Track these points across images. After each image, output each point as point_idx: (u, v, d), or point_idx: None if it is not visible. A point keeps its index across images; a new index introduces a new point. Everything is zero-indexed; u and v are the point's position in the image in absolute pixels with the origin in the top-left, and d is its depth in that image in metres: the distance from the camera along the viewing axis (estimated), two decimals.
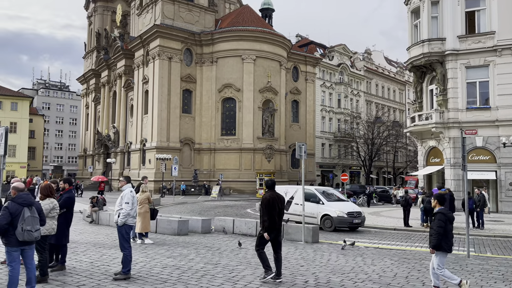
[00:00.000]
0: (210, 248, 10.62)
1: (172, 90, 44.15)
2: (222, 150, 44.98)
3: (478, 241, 13.83)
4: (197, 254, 9.65)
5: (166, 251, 9.97)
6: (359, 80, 63.70)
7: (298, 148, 12.30)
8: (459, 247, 11.89)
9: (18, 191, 5.85)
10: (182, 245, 11.03)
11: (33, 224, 5.56)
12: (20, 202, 5.62)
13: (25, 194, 5.77)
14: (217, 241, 11.86)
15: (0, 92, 51.94)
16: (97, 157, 57.89)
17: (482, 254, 11.05)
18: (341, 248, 11.38)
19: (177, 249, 10.31)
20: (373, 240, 13.49)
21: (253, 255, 9.80)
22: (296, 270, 8.26)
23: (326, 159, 57.88)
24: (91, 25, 63.55)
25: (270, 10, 56.60)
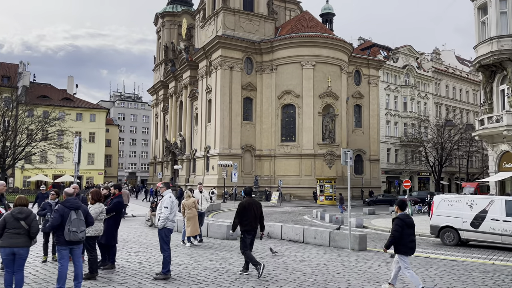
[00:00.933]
0: (253, 252, 10.90)
1: (234, 98, 45.38)
2: (282, 156, 45.24)
3: None
4: (239, 258, 9.99)
5: (211, 254, 10.44)
6: (427, 82, 60.64)
7: (343, 154, 12.21)
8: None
9: (68, 196, 6.61)
10: (227, 249, 11.45)
11: (78, 226, 6.24)
12: (68, 206, 6.35)
13: (72, 199, 6.50)
14: (262, 246, 12.12)
15: (80, 105, 56.91)
16: (165, 163, 61.04)
17: None
18: (390, 256, 11.10)
19: (221, 253, 10.74)
20: (426, 250, 12.92)
21: (292, 261, 9.93)
22: (331, 277, 8.26)
23: (392, 165, 55.71)
24: (160, 39, 67.42)
25: (330, 14, 56.12)
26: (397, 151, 56.42)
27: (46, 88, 57.00)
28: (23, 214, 5.91)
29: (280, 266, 9.25)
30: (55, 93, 56.21)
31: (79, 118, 56.01)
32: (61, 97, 55.83)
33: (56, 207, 6.54)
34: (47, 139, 38.83)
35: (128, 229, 15.78)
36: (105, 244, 8.00)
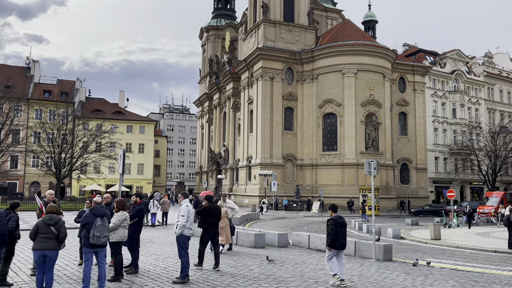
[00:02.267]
0: (275, 260, 11.23)
1: (275, 109, 45.92)
2: (324, 165, 45.00)
3: None
4: (259, 265, 10.36)
5: (234, 262, 10.89)
6: (478, 87, 57.89)
7: (366, 164, 12.27)
8: None
9: (96, 204, 7.38)
10: (252, 256, 11.85)
11: (102, 231, 6.96)
12: (94, 213, 7.10)
13: (99, 207, 7.26)
14: (286, 255, 12.40)
15: (130, 118, 59.98)
16: (210, 173, 62.61)
17: None
18: (413, 265, 11.03)
19: (244, 260, 11.16)
20: (457, 261, 12.57)
21: (311, 269, 10.16)
22: None
23: (441, 174, 53.49)
24: (205, 52, 69.68)
25: (373, 22, 55.46)
26: (446, 160, 54.14)
27: (99, 102, 60.67)
28: (53, 221, 6.69)
29: (297, 273, 9.51)
30: (107, 107, 59.69)
31: (129, 130, 58.99)
32: (113, 110, 59.16)
33: (85, 214, 7.32)
34: (99, 150, 41.46)
35: (165, 236, 16.63)
36: (129, 247, 8.71)
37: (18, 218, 7.66)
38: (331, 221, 8.45)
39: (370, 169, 12.22)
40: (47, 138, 36.80)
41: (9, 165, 48.95)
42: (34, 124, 42.82)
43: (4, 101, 35.47)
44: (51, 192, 9.61)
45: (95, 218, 7.00)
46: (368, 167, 12.26)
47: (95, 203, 7.39)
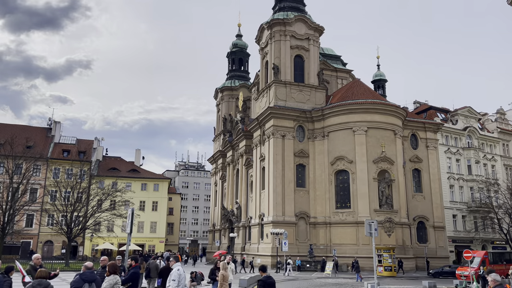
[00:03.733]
0: None
1: (286, 166, 46.10)
2: (338, 224, 44.11)
3: None
4: None
5: None
6: (493, 143, 57.37)
7: (367, 225, 12.16)
8: None
9: (87, 269, 7.50)
10: None
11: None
12: (83, 278, 7.20)
13: (89, 272, 7.37)
14: None
15: (145, 176, 60.90)
16: (223, 231, 61.85)
17: None
18: None
19: None
20: None
21: None
22: None
23: (460, 233, 51.61)
24: (219, 111, 71.77)
25: (382, 81, 56.82)
26: (464, 218, 52.48)
27: (116, 160, 62.10)
28: (42, 286, 6.81)
29: None
30: (123, 165, 60.95)
31: (144, 188, 59.65)
32: (129, 168, 60.33)
33: (74, 279, 7.41)
34: (113, 209, 41.84)
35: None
36: None
37: (11, 282, 7.79)
38: (260, 282, 9.03)
39: (371, 230, 12.09)
40: (60, 197, 37.51)
41: (24, 223, 49.53)
42: (49, 183, 43.88)
43: (22, 161, 36.72)
44: (37, 256, 9.68)
45: (83, 284, 7.09)
46: (368, 228, 12.13)
47: (86, 268, 7.49)
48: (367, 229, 11.83)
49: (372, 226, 11.64)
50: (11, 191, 35.85)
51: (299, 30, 50.11)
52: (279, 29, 49.49)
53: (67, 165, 45.57)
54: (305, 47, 50.12)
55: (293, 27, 49.80)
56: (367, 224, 11.88)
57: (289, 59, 49.13)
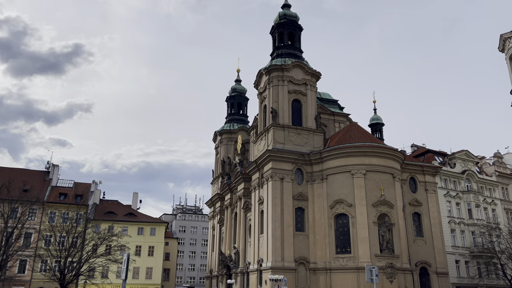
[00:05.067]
0: None
1: (285, 209, 45.61)
2: (338, 269, 43.03)
3: None
4: None
5: None
6: (492, 187, 57.29)
7: (368, 271, 11.92)
8: None
9: None
10: None
11: None
12: None
13: None
14: None
15: (142, 219, 60.07)
16: (220, 278, 60.14)
17: None
18: None
19: None
20: None
21: None
22: None
23: (464, 279, 50.32)
24: (218, 154, 72.03)
25: (379, 124, 57.59)
26: (467, 263, 51.39)
27: (113, 204, 61.50)
28: None
29: None
30: (120, 209, 60.29)
31: (140, 232, 58.65)
32: (125, 212, 59.63)
33: None
34: (108, 254, 40.84)
35: None
36: None
37: None
38: None
39: (372, 276, 11.84)
40: (55, 241, 36.73)
41: (17, 270, 48.15)
42: (44, 228, 43.15)
43: (18, 205, 36.30)
44: None
45: None
46: (369, 274, 11.89)
47: None
48: (368, 275, 11.61)
49: (373, 272, 11.44)
50: (5, 236, 35.16)
51: (297, 76, 51.39)
52: (277, 75, 50.76)
53: (63, 208, 45.02)
54: (303, 91, 51.21)
55: (291, 72, 51.11)
56: (367, 270, 11.66)
57: (287, 103, 50.01)
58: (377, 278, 11.56)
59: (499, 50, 27.63)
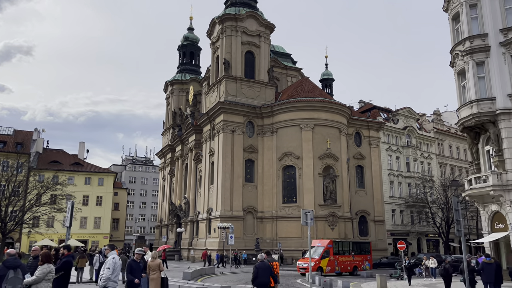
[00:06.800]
0: None
1: (235, 161, 46.45)
2: (284, 218, 45.15)
3: None
4: None
5: None
6: (429, 142, 61.18)
7: (303, 215, 12.71)
8: None
9: (9, 256, 7.32)
10: None
11: (15, 284, 6.88)
12: (7, 265, 7.03)
13: (12, 259, 7.20)
14: None
15: (89, 170, 58.76)
16: (170, 227, 61.17)
17: None
18: None
19: None
20: None
21: None
22: None
23: (398, 226, 54.70)
24: (169, 105, 70.69)
25: (329, 80, 58.66)
26: (402, 212, 55.68)
27: (58, 153, 59.37)
28: None
29: None
30: (66, 158, 58.41)
31: (88, 182, 57.57)
32: (71, 162, 57.92)
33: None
34: (53, 203, 39.97)
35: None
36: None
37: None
38: None
39: (307, 219, 12.64)
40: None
41: None
42: None
43: None
44: None
45: (7, 271, 6.94)
46: (305, 218, 12.68)
47: (8, 255, 7.31)
48: (303, 219, 12.36)
49: (308, 216, 12.19)
50: None
51: (250, 26, 50.53)
52: (231, 24, 49.61)
53: (2, 156, 42.90)
54: (256, 43, 50.66)
55: (245, 23, 50.12)
56: (303, 214, 12.40)
57: (240, 55, 49.43)
58: (312, 222, 12.35)
59: (443, 10, 28.56)
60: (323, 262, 30.40)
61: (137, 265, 9.53)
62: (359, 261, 33.42)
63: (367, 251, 35.11)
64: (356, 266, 32.84)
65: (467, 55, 25.33)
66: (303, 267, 29.22)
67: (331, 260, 31.10)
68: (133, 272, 9.43)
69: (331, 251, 31.20)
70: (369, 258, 34.56)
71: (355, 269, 32.56)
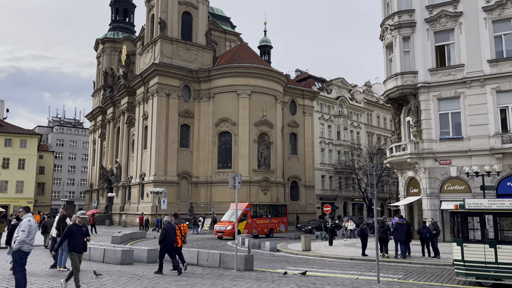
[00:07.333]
0: (129, 275, 11.17)
1: (170, 126, 45.59)
2: (219, 183, 45.62)
3: (418, 269, 13.92)
4: (87, 282, 10.23)
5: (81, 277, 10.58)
6: (359, 112, 64.28)
7: (231, 179, 12.95)
8: (390, 274, 12.10)
9: None
10: (106, 273, 11.62)
11: None
12: None
13: None
14: (147, 270, 12.40)
15: (9, 130, 54.48)
16: (101, 191, 59.31)
17: (391, 280, 11.25)
18: (284, 274, 11.85)
19: (90, 276, 10.91)
20: (313, 268, 13.76)
21: (163, 281, 10.32)
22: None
23: (327, 191, 57.77)
24: (100, 65, 66.78)
25: (268, 47, 58.68)
26: (331, 178, 58.72)
27: None
28: None
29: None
30: None
31: (8, 144, 53.54)
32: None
33: None
34: None
35: None
36: None
37: None
38: None
39: (235, 183, 12.91)
40: None
41: None
42: None
43: None
44: None
45: None
46: (232, 181, 12.93)
47: None
48: (231, 182, 12.61)
49: (236, 179, 12.44)
50: None
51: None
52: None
53: None
54: (194, 4, 48.99)
55: None
56: (231, 177, 12.62)
57: (176, 15, 47.59)
58: (240, 185, 12.64)
59: (380, 39, 29.48)
60: (241, 225, 30.51)
61: (78, 230, 9.06)
62: (276, 223, 33.94)
63: (284, 213, 35.87)
64: (272, 228, 33.26)
65: (395, 29, 26.54)
66: (220, 230, 29.37)
67: (249, 223, 31.13)
68: (74, 237, 8.96)
69: (249, 214, 31.16)
70: (285, 221, 35.27)
71: (271, 231, 32.98)
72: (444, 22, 25.49)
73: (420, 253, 17.38)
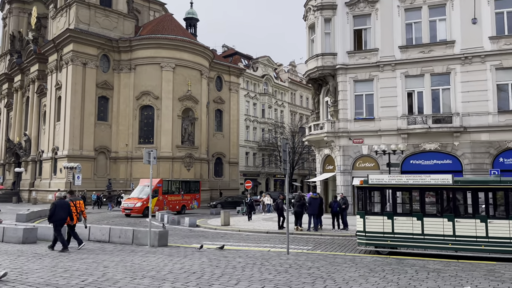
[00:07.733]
0: (30, 254, 10.47)
1: (87, 97, 42.79)
2: (139, 158, 43.92)
3: (327, 240, 14.78)
4: (11, 262, 9.49)
5: None
6: (284, 91, 65.68)
7: (145, 154, 12.53)
8: (301, 246, 12.66)
9: None
10: (3, 252, 10.77)
11: None
12: None
13: None
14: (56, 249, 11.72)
15: None
16: (7, 166, 54.42)
17: (300, 251, 11.86)
18: (199, 248, 11.80)
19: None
20: (229, 242, 13.97)
21: (67, 259, 9.81)
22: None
23: (250, 168, 58.81)
24: (6, 27, 60.18)
25: (194, 19, 57.02)
26: (255, 155, 59.80)
27: None
28: None
29: (47, 266, 9.06)
30: None
31: None
32: None
33: None
34: None
35: None
36: None
37: None
38: None
39: (150, 158, 12.51)
40: None
41: None
42: None
43: None
44: None
45: None
46: (147, 157, 12.52)
47: None
48: (146, 157, 12.19)
49: (151, 155, 12.05)
50: None
51: None
52: None
53: None
54: None
55: None
56: (145, 153, 12.20)
57: None
58: (154, 161, 12.26)
59: (303, 20, 29.82)
60: (152, 202, 29.87)
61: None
62: (188, 200, 33.08)
63: (196, 190, 34.84)
64: (184, 205, 32.36)
65: (318, 10, 27.18)
66: (128, 207, 27.95)
67: (160, 199, 29.82)
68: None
69: (160, 190, 29.71)
70: (197, 197, 34.48)
71: (183, 208, 32.04)
72: (362, 7, 26.62)
73: (331, 226, 18.45)
